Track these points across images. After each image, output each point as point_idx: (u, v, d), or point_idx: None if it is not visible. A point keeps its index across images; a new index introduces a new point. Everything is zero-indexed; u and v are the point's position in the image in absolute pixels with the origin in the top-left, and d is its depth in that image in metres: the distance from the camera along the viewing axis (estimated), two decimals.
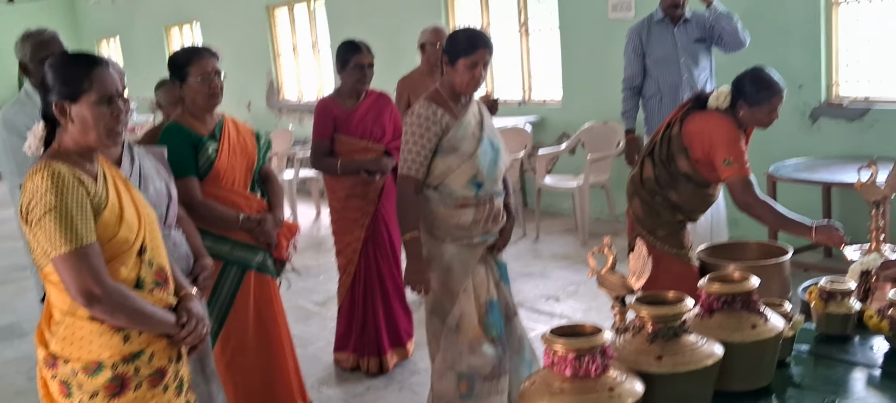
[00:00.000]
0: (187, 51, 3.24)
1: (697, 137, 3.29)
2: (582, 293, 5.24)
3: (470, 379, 3.22)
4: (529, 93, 7.87)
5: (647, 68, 5.16)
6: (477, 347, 3.21)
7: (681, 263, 3.35)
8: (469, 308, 3.21)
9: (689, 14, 5.12)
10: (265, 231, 3.26)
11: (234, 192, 3.23)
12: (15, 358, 5.04)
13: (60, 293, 2.07)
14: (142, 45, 14.59)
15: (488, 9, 8.07)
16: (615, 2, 6.67)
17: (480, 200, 3.17)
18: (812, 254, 5.42)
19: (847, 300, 2.38)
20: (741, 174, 3.21)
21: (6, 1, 14.26)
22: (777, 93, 3.27)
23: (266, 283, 3.36)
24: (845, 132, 5.44)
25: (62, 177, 2.00)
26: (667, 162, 3.37)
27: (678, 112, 3.45)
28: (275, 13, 11.20)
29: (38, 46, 3.26)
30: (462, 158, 3.11)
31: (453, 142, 3.11)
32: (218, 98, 3.19)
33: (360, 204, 4.20)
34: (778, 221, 3.28)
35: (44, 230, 1.98)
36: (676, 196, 3.37)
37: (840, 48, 5.51)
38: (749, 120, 3.30)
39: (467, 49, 3.06)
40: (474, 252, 3.21)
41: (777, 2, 5.61)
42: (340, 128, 4.18)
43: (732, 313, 2.01)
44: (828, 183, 4.95)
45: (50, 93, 2.09)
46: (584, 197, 6.38)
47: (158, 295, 2.18)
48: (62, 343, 2.08)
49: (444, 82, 3.16)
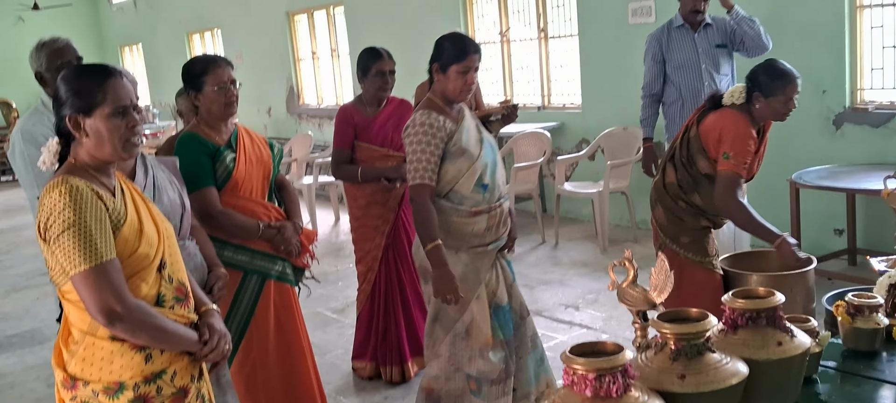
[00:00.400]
0: (202, 60, 3.24)
1: (711, 135, 3.30)
2: (602, 301, 5.19)
3: (479, 382, 3.24)
4: (549, 99, 7.82)
5: (668, 74, 5.11)
6: (486, 352, 3.21)
7: (705, 272, 3.33)
8: (481, 314, 3.20)
9: (709, 19, 5.07)
10: (285, 238, 3.26)
11: (253, 201, 3.23)
12: (35, 365, 5.07)
13: (79, 312, 2.02)
14: (164, 51, 14.70)
15: (507, 14, 8.04)
16: (635, 7, 6.62)
17: (491, 206, 3.18)
18: (836, 263, 5.34)
19: (875, 314, 2.32)
20: (734, 171, 3.23)
21: (31, 7, 14.40)
22: (791, 81, 3.26)
23: (286, 292, 3.36)
24: (870, 138, 5.35)
25: (80, 192, 1.95)
26: (688, 164, 3.37)
27: (695, 114, 3.45)
28: (295, 19, 11.23)
29: (53, 55, 3.26)
30: (471, 160, 3.12)
31: (460, 145, 3.12)
32: (234, 107, 3.19)
33: (381, 211, 4.19)
34: (749, 223, 3.32)
35: (62, 247, 1.94)
36: (700, 199, 3.35)
37: (864, 53, 5.43)
38: (765, 112, 3.28)
39: (459, 55, 3.09)
40: (487, 258, 3.23)
41: (800, 5, 5.54)
42: (361, 135, 4.16)
43: (757, 330, 1.96)
44: (852, 190, 4.87)
45: (63, 108, 2.05)
46: (603, 203, 6.32)
47: (179, 311, 2.14)
48: (82, 364, 2.03)
49: (435, 90, 3.17)
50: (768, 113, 3.29)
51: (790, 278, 3.30)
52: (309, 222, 7.97)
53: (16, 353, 5.36)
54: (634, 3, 6.62)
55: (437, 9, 8.53)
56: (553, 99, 7.80)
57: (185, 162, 3.05)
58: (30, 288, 6.91)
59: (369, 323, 4.33)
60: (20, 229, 9.56)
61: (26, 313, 6.20)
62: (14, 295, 6.82)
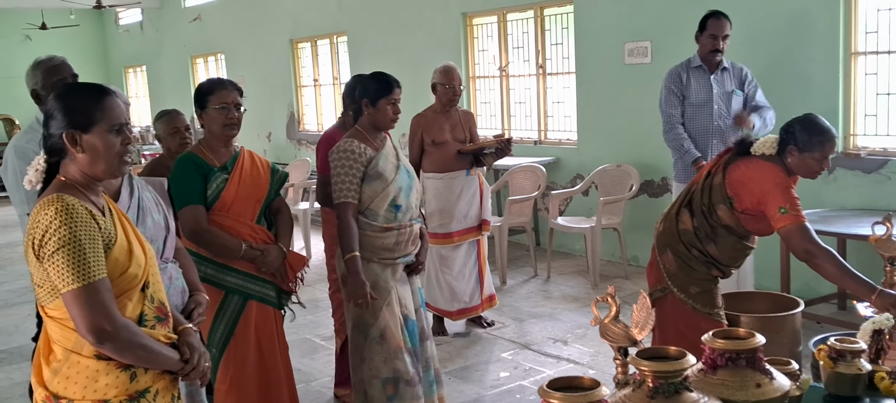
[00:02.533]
0: (212, 81, 3.34)
1: (746, 186, 3.16)
2: (590, 337, 5.18)
3: (395, 382, 3.54)
4: (545, 134, 7.87)
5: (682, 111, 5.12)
6: (400, 354, 3.55)
7: (711, 323, 3.18)
8: (393, 320, 3.55)
9: (726, 63, 5.12)
10: (267, 261, 3.28)
11: (241, 223, 3.26)
12: (22, 381, 5.04)
13: (63, 330, 2.03)
14: (168, 74, 14.78)
15: (507, 50, 8.11)
16: (632, 47, 6.68)
17: (402, 225, 3.55)
18: (825, 307, 5.34)
19: (858, 360, 2.32)
20: (798, 221, 3.06)
21: (39, 27, 14.50)
22: (830, 139, 3.15)
23: (268, 314, 3.37)
24: (862, 184, 5.38)
25: (75, 210, 1.97)
26: (707, 213, 3.25)
27: (719, 159, 3.32)
28: (298, 47, 11.32)
29: (49, 72, 3.30)
30: (385, 183, 3.50)
31: (378, 169, 3.50)
32: (235, 129, 3.26)
33: None
34: (841, 275, 3.05)
35: (55, 265, 1.95)
36: (715, 249, 3.25)
37: (858, 99, 5.47)
38: (798, 168, 3.17)
39: (386, 90, 3.53)
40: (396, 270, 3.60)
41: (796, 51, 5.60)
42: None
43: (737, 371, 1.97)
44: (843, 235, 4.89)
45: (58, 124, 2.06)
46: (595, 238, 6.34)
47: (160, 330, 2.16)
48: (65, 383, 2.03)
49: (363, 122, 3.58)
50: (800, 169, 3.17)
51: (777, 320, 3.31)
52: (303, 248, 7.97)
53: (3, 369, 5.34)
54: (631, 44, 6.69)
55: (439, 43, 8.60)
56: (549, 134, 7.85)
57: (177, 179, 3.16)
58: (21, 304, 6.89)
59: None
60: (14, 245, 9.55)
61: (16, 329, 6.19)
62: (5, 310, 6.81)
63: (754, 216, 3.19)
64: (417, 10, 8.92)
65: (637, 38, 6.63)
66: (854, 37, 5.39)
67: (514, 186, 7.09)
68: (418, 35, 8.91)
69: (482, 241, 5.39)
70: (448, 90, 5.14)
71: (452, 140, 5.18)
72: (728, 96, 5.09)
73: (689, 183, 3.49)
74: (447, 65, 5.24)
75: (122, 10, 16.07)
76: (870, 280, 2.95)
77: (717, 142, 5.03)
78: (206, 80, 3.35)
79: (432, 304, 5.35)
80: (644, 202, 6.75)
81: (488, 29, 8.29)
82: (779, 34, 5.69)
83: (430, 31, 8.74)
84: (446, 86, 5.13)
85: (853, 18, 5.37)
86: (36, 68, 3.35)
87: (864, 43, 5.39)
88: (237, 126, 3.26)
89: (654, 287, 3.40)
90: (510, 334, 5.38)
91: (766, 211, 3.12)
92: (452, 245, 5.24)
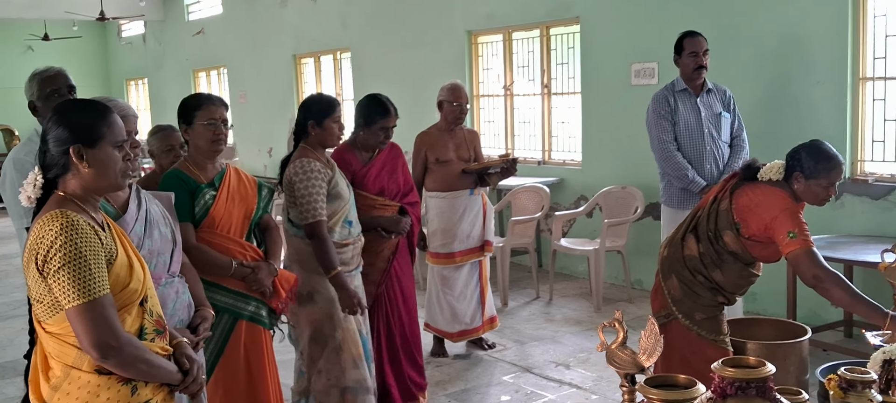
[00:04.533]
0: (198, 96, 3.28)
1: (754, 212, 3.13)
2: (593, 361, 5.11)
3: (354, 392, 3.66)
4: (549, 154, 7.83)
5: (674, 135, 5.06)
6: (359, 363, 3.68)
7: (717, 350, 3.15)
8: (351, 329, 3.68)
9: (710, 84, 5.07)
10: (258, 279, 3.21)
11: (229, 239, 3.20)
12: (15, 396, 4.98)
13: (62, 346, 2.03)
14: (169, 87, 14.80)
15: (512, 69, 8.10)
16: (638, 68, 6.66)
17: (354, 239, 3.73)
18: (832, 334, 5.28)
19: (868, 390, 2.27)
20: (805, 246, 3.02)
21: (41, 38, 14.53)
22: (837, 166, 3.11)
23: (258, 334, 3.30)
24: (870, 210, 5.33)
25: (79, 226, 1.99)
26: (713, 239, 3.21)
27: (726, 185, 3.30)
28: (301, 63, 11.32)
29: (44, 82, 3.27)
30: (344, 201, 3.65)
31: (337, 188, 3.62)
32: (221, 145, 3.21)
33: (374, 259, 4.14)
34: (851, 301, 3.00)
35: (59, 281, 1.95)
36: (721, 276, 3.22)
37: (866, 125, 5.43)
38: (804, 194, 3.14)
39: (329, 111, 3.65)
40: (352, 281, 3.73)
41: (804, 75, 5.57)
42: (356, 183, 4.14)
43: (746, 399, 1.91)
44: (850, 261, 4.83)
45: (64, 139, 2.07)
46: (599, 261, 6.28)
47: (159, 343, 2.18)
48: (66, 399, 2.03)
49: (312, 142, 3.66)
50: (806, 195, 3.14)
51: (784, 348, 3.26)
52: None
53: None
54: (638, 65, 6.66)
55: (443, 61, 8.59)
56: (554, 154, 7.82)
57: None
58: (16, 317, 6.82)
59: None
60: (10, 257, 9.50)
61: (10, 343, 6.12)
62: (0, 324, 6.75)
63: (761, 242, 3.16)
64: (421, 27, 8.91)
65: (644, 59, 6.61)
66: (862, 62, 5.36)
67: (517, 207, 7.05)
68: (422, 53, 8.90)
69: (484, 262, 5.33)
70: (455, 108, 5.10)
71: (457, 159, 5.13)
72: (717, 118, 5.02)
73: (693, 208, 3.46)
74: (454, 82, 5.20)
75: (124, 23, 16.12)
76: (878, 305, 2.91)
77: (710, 166, 4.95)
78: (192, 96, 3.29)
79: (432, 325, 5.29)
80: (649, 225, 6.70)
81: (493, 47, 8.28)
82: (785, 58, 5.66)
83: (435, 49, 8.72)
84: (453, 104, 5.09)
85: (861, 44, 5.34)
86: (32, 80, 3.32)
87: (873, 68, 5.36)
88: (224, 142, 3.23)
89: (659, 312, 3.36)
90: (511, 357, 5.31)
91: (774, 236, 3.08)
92: (454, 265, 5.18)
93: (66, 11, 13.30)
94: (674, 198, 5.02)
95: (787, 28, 5.64)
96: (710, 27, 5.31)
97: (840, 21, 5.34)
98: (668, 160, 4.97)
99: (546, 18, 7.55)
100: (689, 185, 4.90)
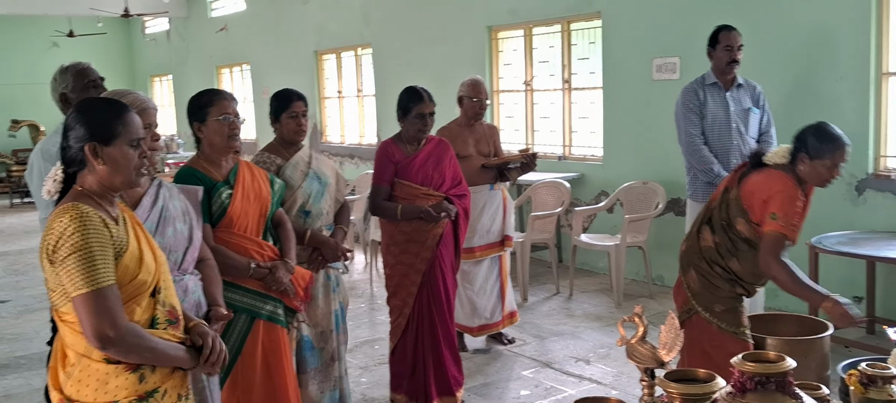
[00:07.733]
0: (207, 93, 3.24)
1: (756, 196, 3.17)
2: (613, 356, 5.12)
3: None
4: (570, 150, 7.82)
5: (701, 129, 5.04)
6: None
7: (737, 342, 3.18)
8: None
9: (741, 80, 5.05)
10: (277, 278, 3.19)
11: (247, 239, 3.17)
12: (41, 387, 5.04)
13: (75, 334, 2.09)
14: (193, 83, 14.89)
15: (533, 64, 8.09)
16: (660, 63, 6.63)
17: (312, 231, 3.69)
18: (854, 330, 5.23)
19: (889, 386, 2.26)
20: (782, 232, 3.08)
21: (67, 34, 14.68)
22: (841, 147, 3.15)
23: (275, 333, 3.27)
24: (892, 206, 5.28)
25: (89, 218, 2.04)
26: (727, 228, 3.24)
27: (736, 174, 3.33)
28: (322, 59, 11.37)
29: (79, 75, 3.33)
30: (293, 189, 3.63)
31: (285, 176, 3.61)
32: (236, 140, 3.19)
33: (419, 249, 4.20)
34: (793, 284, 3.13)
35: (67, 270, 2.02)
36: (737, 264, 3.24)
37: (889, 120, 5.38)
38: (809, 175, 3.17)
39: (286, 105, 3.70)
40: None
41: (827, 70, 5.53)
42: (401, 173, 4.22)
43: (766, 394, 1.91)
44: (872, 257, 4.80)
45: (81, 136, 2.13)
46: (620, 257, 6.27)
47: (171, 332, 2.22)
48: (78, 386, 2.10)
49: (276, 137, 3.76)
50: (812, 176, 3.17)
51: (805, 343, 3.24)
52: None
53: (23, 375, 5.36)
54: (659, 60, 6.64)
55: (463, 56, 8.60)
56: (574, 150, 7.80)
57: None
58: (43, 309, 6.92)
59: (403, 357, 4.31)
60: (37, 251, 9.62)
61: (37, 334, 6.22)
62: (27, 315, 6.86)
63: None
64: (442, 23, 8.93)
65: (666, 54, 6.58)
66: (885, 57, 5.31)
67: (537, 202, 7.05)
68: (443, 48, 8.91)
69: (504, 257, 5.35)
70: (475, 103, 5.13)
71: (477, 154, 5.16)
72: (745, 113, 5.00)
73: (707, 200, 3.48)
74: (475, 78, 5.23)
75: (149, 19, 16.25)
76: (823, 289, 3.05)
77: (737, 161, 4.92)
78: (200, 92, 3.25)
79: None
80: (670, 220, 6.68)
81: (514, 43, 8.28)
82: (807, 53, 5.62)
83: (455, 45, 8.74)
84: (473, 99, 5.13)
85: (885, 38, 5.29)
86: (64, 73, 3.37)
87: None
88: (238, 136, 3.20)
89: (682, 309, 3.38)
90: (531, 352, 5.33)
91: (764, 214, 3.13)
92: (474, 260, 5.20)
93: (90, 8, 13.43)
94: (699, 192, 5.01)
95: (810, 24, 5.60)
96: (734, 22, 5.27)
97: (863, 16, 5.30)
98: (694, 153, 4.96)
99: (567, 13, 7.54)
100: (714, 179, 4.86)
